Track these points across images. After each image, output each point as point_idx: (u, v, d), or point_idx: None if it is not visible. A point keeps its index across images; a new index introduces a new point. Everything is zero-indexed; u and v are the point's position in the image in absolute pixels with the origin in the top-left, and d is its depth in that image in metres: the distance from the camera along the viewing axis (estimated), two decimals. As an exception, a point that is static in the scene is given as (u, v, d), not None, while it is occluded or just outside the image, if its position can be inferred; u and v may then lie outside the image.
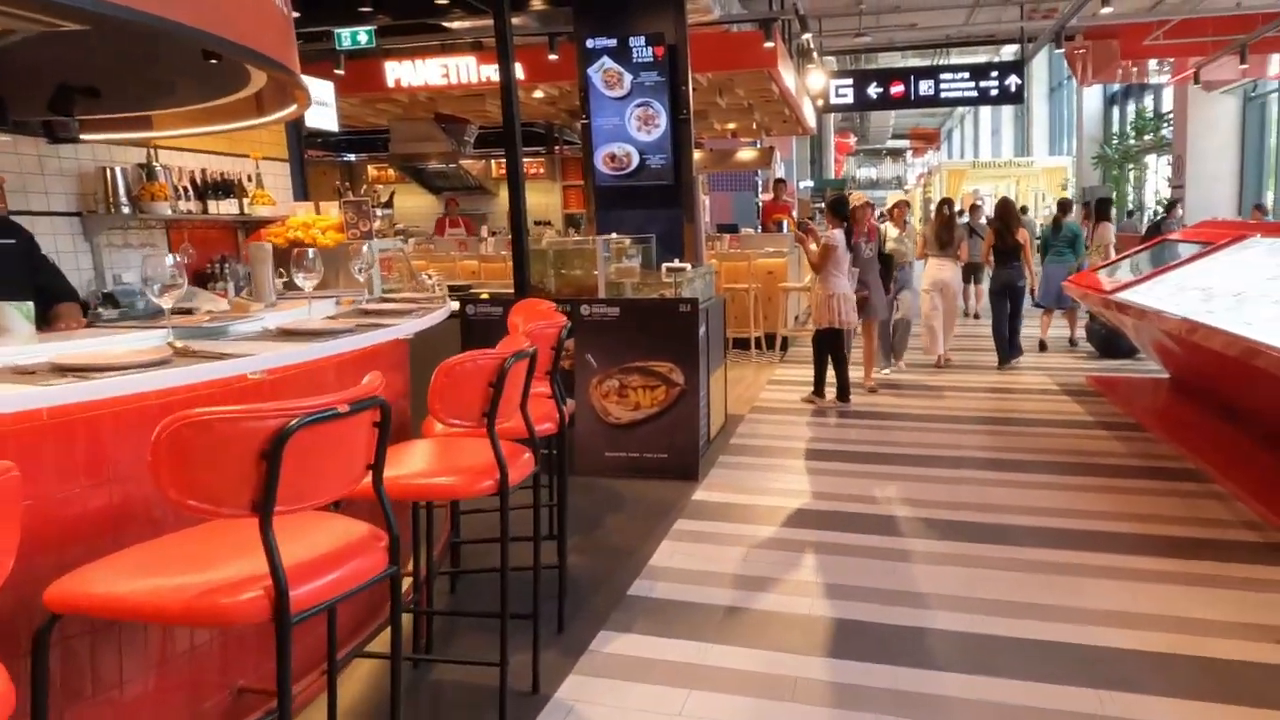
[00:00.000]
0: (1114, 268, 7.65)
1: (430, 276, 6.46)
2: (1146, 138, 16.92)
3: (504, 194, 14.54)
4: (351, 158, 15.23)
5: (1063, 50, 11.22)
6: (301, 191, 6.88)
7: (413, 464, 2.48)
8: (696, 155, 15.22)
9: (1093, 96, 19.89)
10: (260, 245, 3.22)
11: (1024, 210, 12.62)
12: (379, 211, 6.28)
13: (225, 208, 6.04)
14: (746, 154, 14.49)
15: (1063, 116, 24.64)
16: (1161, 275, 5.91)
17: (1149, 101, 17.90)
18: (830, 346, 6.50)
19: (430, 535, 3.08)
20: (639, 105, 6.04)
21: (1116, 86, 19.13)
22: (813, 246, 6.41)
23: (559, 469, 3.56)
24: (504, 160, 14.44)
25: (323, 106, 7.33)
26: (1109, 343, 8.43)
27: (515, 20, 8.30)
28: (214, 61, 2.75)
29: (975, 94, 11.94)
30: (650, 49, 5.93)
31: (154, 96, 4.15)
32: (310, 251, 3.10)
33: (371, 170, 14.70)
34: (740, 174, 16.22)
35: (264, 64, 2.93)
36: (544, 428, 2.98)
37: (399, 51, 10.13)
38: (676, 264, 5.72)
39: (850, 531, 4.05)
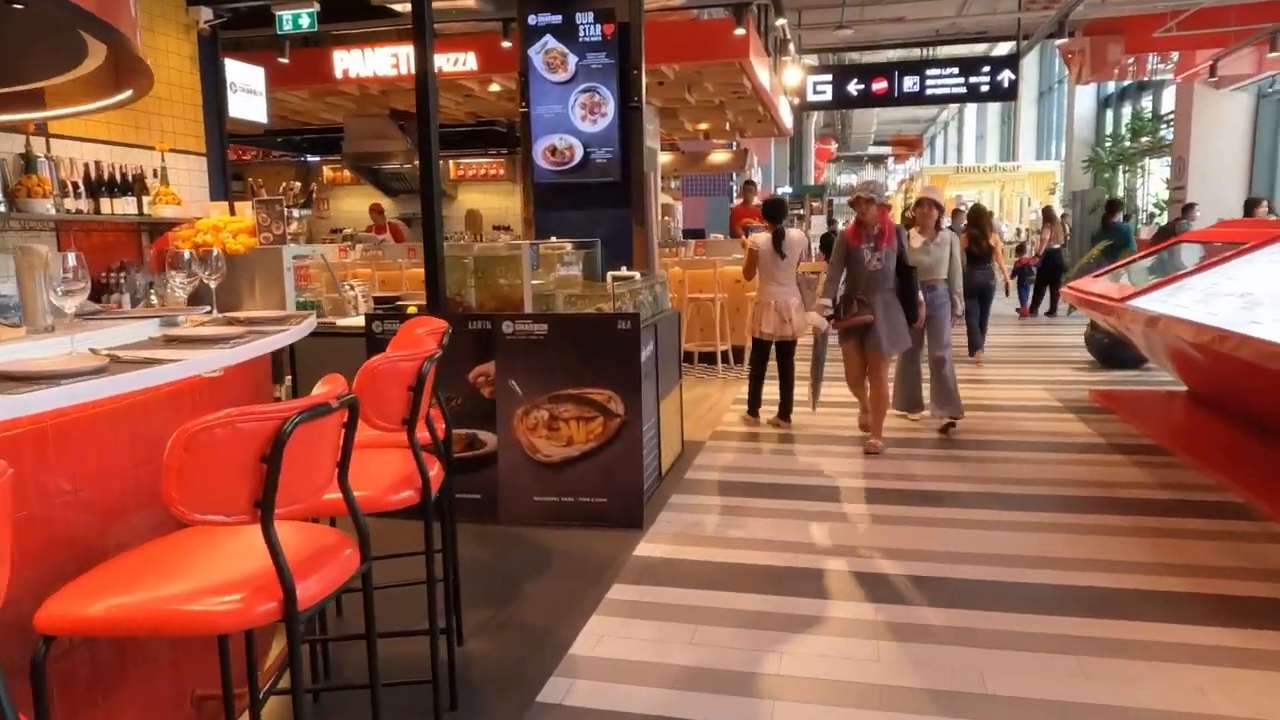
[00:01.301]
0: (1116, 273, 6.92)
1: (352, 287, 5.65)
2: (1144, 139, 16.27)
3: (463, 196, 13.77)
4: (316, 159, 14.39)
5: (1061, 44, 10.49)
6: (222, 190, 6.04)
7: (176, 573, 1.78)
8: (667, 157, 14.54)
9: (1085, 99, 19.27)
10: (29, 250, 2.40)
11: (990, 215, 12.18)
12: (296, 213, 5.48)
13: (121, 207, 5.23)
14: (720, 156, 13.77)
15: (1051, 121, 24.07)
16: (1183, 280, 5.16)
17: (1146, 102, 17.26)
18: (759, 359, 6.08)
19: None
20: (584, 91, 5.25)
21: (1111, 88, 18.50)
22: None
23: (446, 535, 2.77)
24: (463, 161, 13.77)
25: (250, 95, 6.51)
26: (1111, 352, 7.71)
27: (467, 3, 7.52)
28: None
29: (964, 90, 11.17)
30: (599, 26, 5.16)
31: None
32: (186, 252, 2.62)
33: (327, 171, 13.88)
34: (714, 178, 15.51)
35: (80, 20, 2.22)
36: (402, 496, 2.17)
37: (349, 39, 9.34)
38: (624, 272, 4.94)
39: (824, 597, 3.25)
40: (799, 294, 5.91)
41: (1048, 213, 12.41)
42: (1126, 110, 18.25)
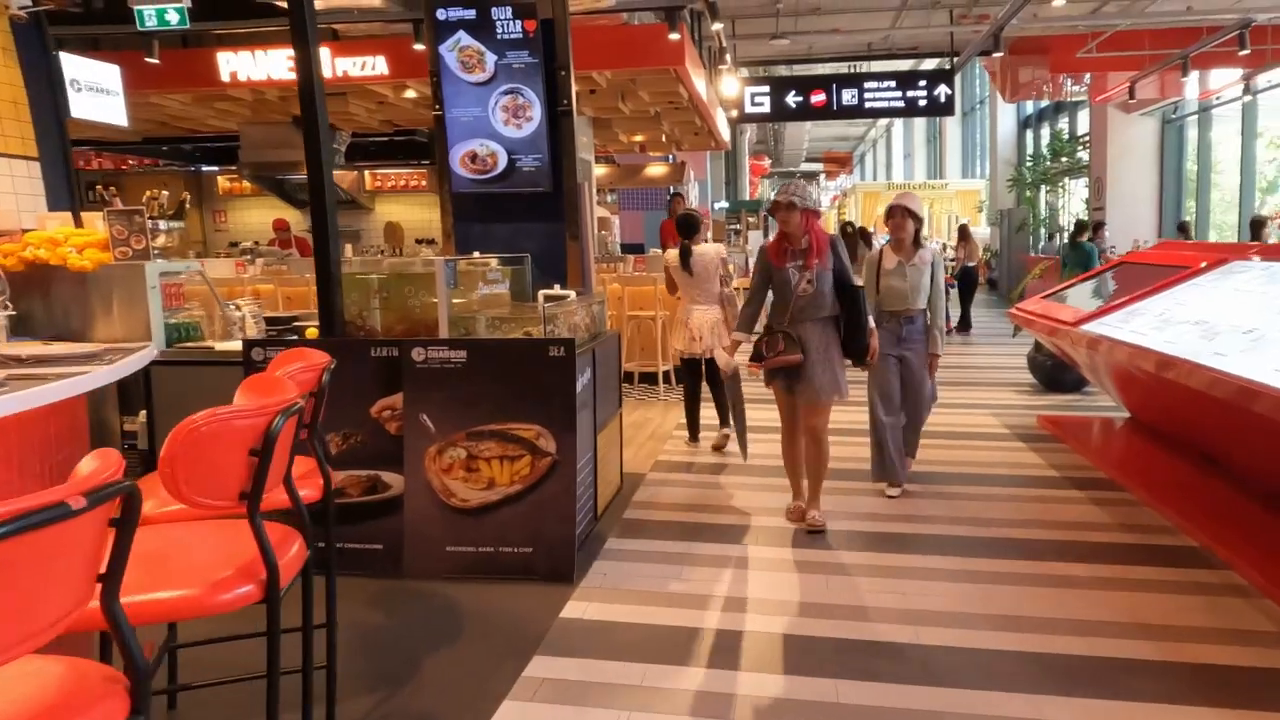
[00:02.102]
0: (1061, 294, 6.77)
1: (239, 307, 5.04)
2: (1063, 159, 16.62)
3: (381, 208, 13.12)
4: (213, 169, 13.48)
5: (988, 61, 10.51)
6: (65, 199, 5.29)
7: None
8: (602, 170, 14.13)
9: (1006, 119, 19.66)
10: None
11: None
12: (163, 224, 4.86)
13: None
14: (657, 169, 13.46)
15: (975, 140, 24.59)
16: (1134, 305, 4.97)
17: (1064, 124, 17.65)
18: (690, 378, 5.88)
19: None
20: (506, 93, 4.80)
21: (1030, 109, 18.90)
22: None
23: (329, 603, 2.30)
24: (380, 172, 13.12)
25: (101, 94, 5.77)
26: (1053, 375, 7.58)
27: (373, 2, 6.99)
28: None
29: (902, 104, 11.10)
30: (519, 22, 4.72)
31: None
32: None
33: (223, 182, 13.02)
34: (652, 191, 15.18)
35: None
36: (236, 595, 1.68)
37: (236, 40, 8.64)
38: (557, 291, 4.48)
39: (776, 671, 2.85)
40: (719, 311, 5.64)
41: (963, 231, 12.52)
42: (1046, 131, 18.67)
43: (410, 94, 8.74)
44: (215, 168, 13.32)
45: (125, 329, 4.49)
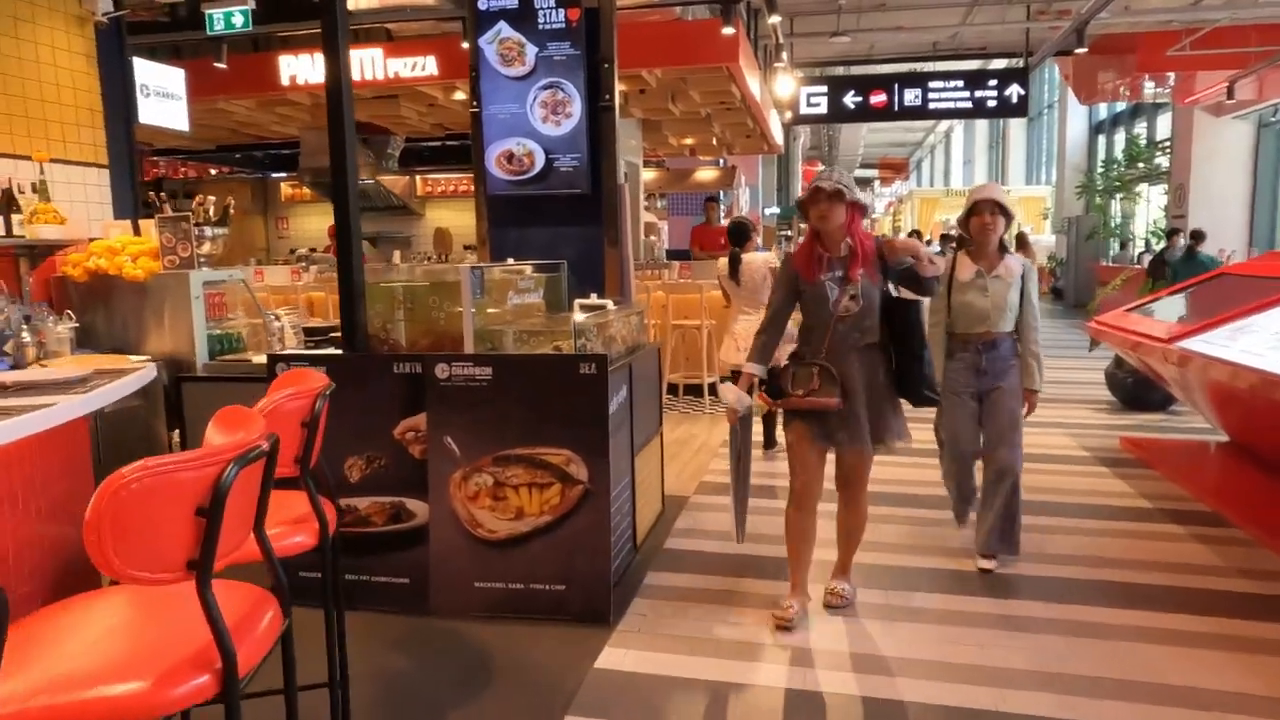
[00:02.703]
0: (1147, 307, 6.21)
1: (279, 317, 4.81)
2: (1140, 165, 15.75)
3: (431, 213, 12.97)
4: (280, 175, 13.54)
5: (1071, 57, 9.83)
6: (130, 207, 5.19)
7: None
8: (651, 174, 13.81)
9: (1077, 123, 18.81)
10: None
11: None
12: (209, 231, 4.66)
13: None
14: (707, 174, 13.10)
15: (1041, 145, 23.66)
16: (1241, 320, 4.44)
17: (1141, 128, 16.75)
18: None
19: None
20: (545, 88, 4.49)
21: (1103, 113, 18.02)
22: None
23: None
24: (431, 177, 12.99)
25: (166, 99, 5.68)
26: (1136, 394, 7.00)
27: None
28: None
29: (970, 105, 10.46)
30: (562, 11, 4.40)
31: None
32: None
33: (285, 188, 13.06)
34: (701, 195, 14.81)
35: None
36: (193, 686, 1.36)
37: (296, 42, 8.55)
38: (593, 300, 4.15)
39: (842, 746, 2.45)
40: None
41: (1020, 238, 12.04)
42: (1120, 136, 17.78)
43: (459, 95, 8.53)
44: (281, 174, 13.42)
45: (173, 341, 4.38)
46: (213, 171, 14.14)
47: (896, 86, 10.72)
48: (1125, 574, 3.65)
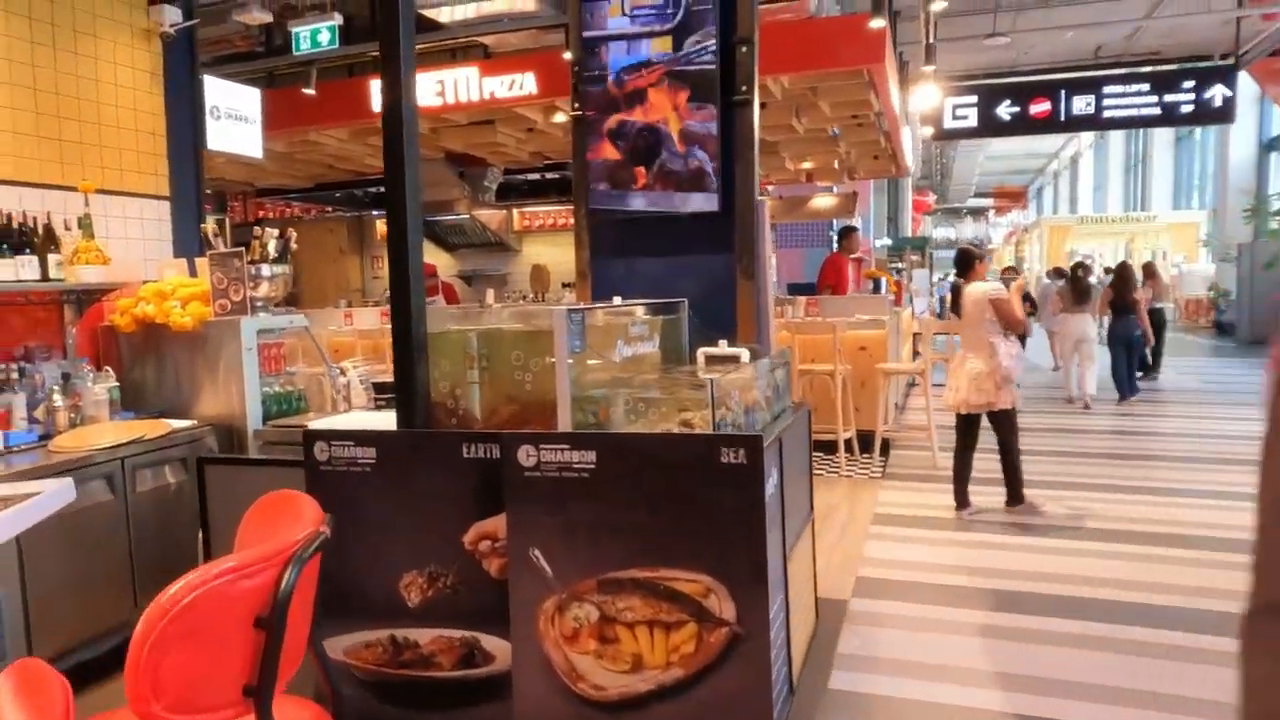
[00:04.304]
0: None
1: (344, 372, 4.00)
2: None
3: (528, 249, 12.28)
4: (376, 213, 13.17)
5: (1257, 65, 8.28)
6: (193, 244, 4.52)
7: None
8: (765, 202, 12.75)
9: (1242, 141, 16.74)
10: None
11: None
12: (266, 270, 3.92)
13: (8, 271, 3.59)
14: (823, 201, 11.95)
15: (1192, 166, 21.41)
16: None
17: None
18: (960, 433, 5.05)
19: None
20: (666, 80, 3.55)
21: (1277, 128, 15.94)
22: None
23: None
24: (528, 210, 12.36)
25: (240, 122, 5.04)
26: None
27: (527, 6, 6.03)
28: None
29: (1158, 111, 8.94)
30: (687, -14, 3.47)
31: None
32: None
33: (380, 226, 12.62)
34: (813, 225, 13.68)
35: None
36: None
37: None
38: (722, 349, 3.12)
39: None
40: (984, 362, 4.76)
41: (1148, 268, 10.67)
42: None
43: (559, 118, 7.76)
44: (376, 212, 13.02)
45: (223, 403, 3.68)
46: (312, 211, 13.91)
47: (1063, 93, 9.28)
48: None
